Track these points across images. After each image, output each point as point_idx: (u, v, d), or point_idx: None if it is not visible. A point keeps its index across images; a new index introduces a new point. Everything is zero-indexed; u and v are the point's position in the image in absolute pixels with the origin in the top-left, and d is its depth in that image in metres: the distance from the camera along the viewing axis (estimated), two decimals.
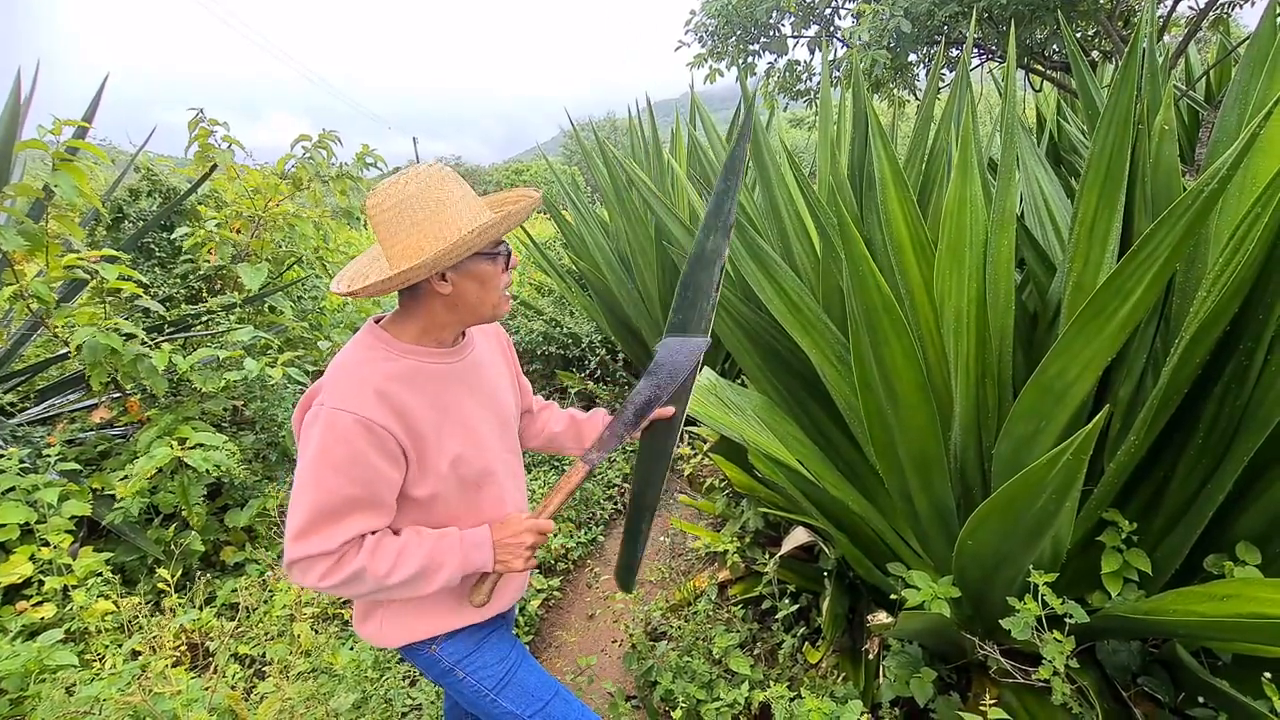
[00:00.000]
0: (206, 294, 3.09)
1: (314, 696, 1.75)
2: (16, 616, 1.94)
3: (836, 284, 2.15)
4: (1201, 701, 1.43)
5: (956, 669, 1.78)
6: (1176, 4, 4.18)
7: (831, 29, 5.32)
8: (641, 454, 1.39)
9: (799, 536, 1.99)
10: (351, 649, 1.99)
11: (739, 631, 2.04)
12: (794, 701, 1.63)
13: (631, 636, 2.08)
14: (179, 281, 3.05)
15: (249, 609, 2.19)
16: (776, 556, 2.01)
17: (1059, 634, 1.36)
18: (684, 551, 2.88)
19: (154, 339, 2.61)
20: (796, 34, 5.41)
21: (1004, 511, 1.36)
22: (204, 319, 2.96)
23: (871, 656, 1.77)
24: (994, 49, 4.72)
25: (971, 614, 1.70)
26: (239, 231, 3.23)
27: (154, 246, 3.12)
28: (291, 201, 3.33)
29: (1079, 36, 4.60)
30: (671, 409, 1.35)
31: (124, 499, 2.29)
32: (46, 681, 1.65)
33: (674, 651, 1.97)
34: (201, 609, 2.18)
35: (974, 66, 4.81)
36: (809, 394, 2.25)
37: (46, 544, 2.09)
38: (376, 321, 1.18)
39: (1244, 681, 1.35)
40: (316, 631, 2.08)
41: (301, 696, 1.72)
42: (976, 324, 1.60)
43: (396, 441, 1.07)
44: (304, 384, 2.90)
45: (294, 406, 2.89)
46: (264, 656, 2.05)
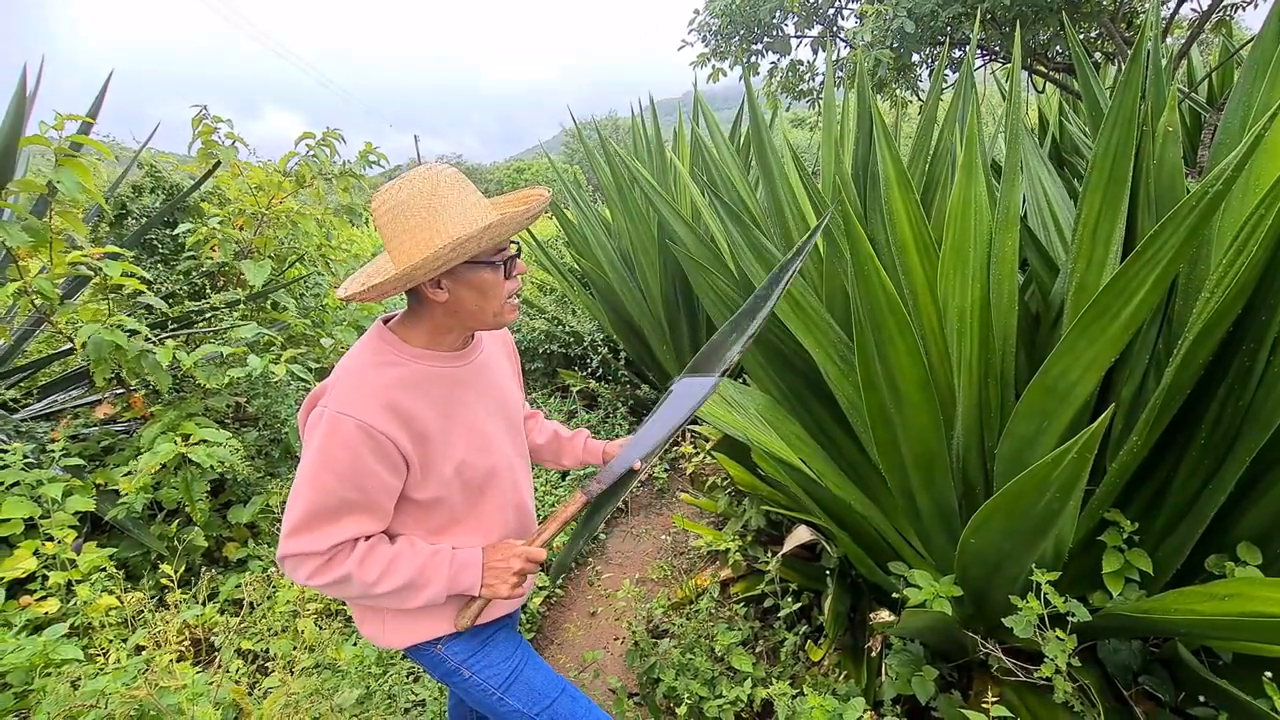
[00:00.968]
0: (209, 290, 3.09)
1: (318, 692, 1.76)
2: (21, 611, 1.94)
3: (839, 283, 2.16)
4: (1202, 700, 1.43)
5: (958, 667, 1.79)
6: (1179, 6, 4.18)
7: (835, 29, 5.32)
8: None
9: (801, 535, 2.00)
10: (355, 645, 2.00)
11: (741, 629, 2.05)
12: (796, 699, 1.63)
13: (634, 634, 2.08)
14: (182, 278, 3.05)
15: (252, 605, 2.20)
16: (779, 555, 2.02)
17: (1061, 632, 1.37)
18: (686, 550, 2.89)
19: (157, 335, 2.61)
20: (800, 34, 5.41)
21: (1008, 510, 1.37)
22: (207, 315, 2.96)
23: (874, 654, 1.78)
24: (997, 50, 4.73)
25: (973, 613, 1.70)
26: (242, 228, 3.23)
27: (157, 243, 3.12)
28: (294, 199, 3.33)
29: (1081, 38, 4.60)
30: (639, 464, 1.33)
31: (128, 494, 2.30)
32: (51, 676, 1.65)
33: (676, 649, 1.97)
34: (205, 605, 2.18)
35: (977, 67, 4.81)
36: (811, 393, 2.26)
37: (50, 539, 2.10)
38: (385, 322, 1.17)
39: (1245, 680, 1.36)
40: (320, 627, 2.08)
41: (306, 691, 1.73)
42: (980, 324, 1.60)
43: (398, 448, 1.06)
44: (306, 381, 2.91)
45: (296, 404, 2.91)
46: (267, 652, 2.06)
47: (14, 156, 2.60)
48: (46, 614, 1.97)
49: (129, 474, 2.34)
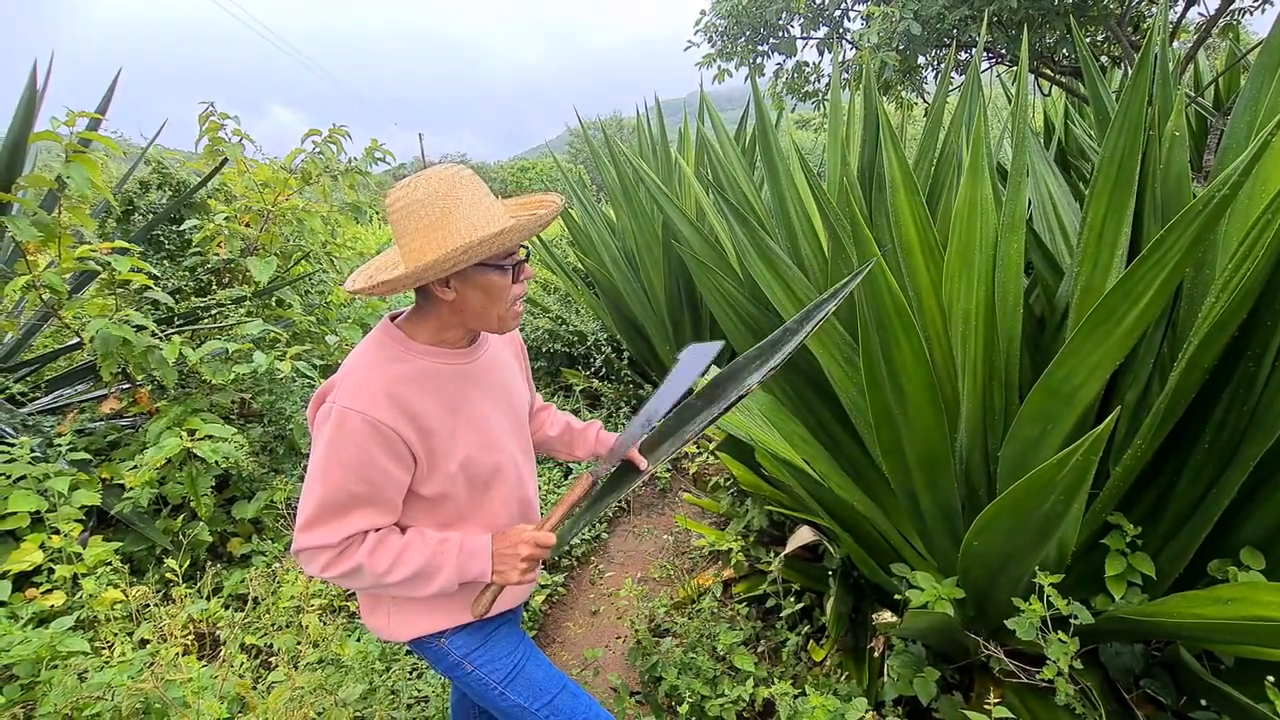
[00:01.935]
0: (215, 287, 3.10)
1: (322, 687, 1.77)
2: (27, 604, 1.96)
3: None
4: (1204, 704, 1.44)
5: (959, 669, 1.79)
6: (1187, 10, 4.18)
7: (841, 31, 5.32)
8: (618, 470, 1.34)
9: (804, 535, 2.01)
10: (358, 640, 2.01)
11: (743, 629, 2.05)
12: (798, 699, 1.64)
13: (636, 633, 2.09)
14: (187, 274, 3.06)
15: (256, 600, 2.21)
16: (781, 555, 2.02)
17: (1063, 635, 1.37)
18: (688, 549, 2.90)
19: (163, 331, 2.63)
20: (805, 35, 5.41)
21: (1011, 512, 1.37)
22: (213, 312, 2.97)
23: (876, 655, 1.78)
24: (1003, 53, 4.72)
25: (975, 614, 1.71)
26: (248, 225, 3.24)
27: (163, 239, 3.14)
28: (300, 196, 3.34)
29: (1088, 42, 4.60)
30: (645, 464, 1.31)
31: (133, 489, 2.31)
32: (58, 668, 1.66)
33: (678, 648, 1.98)
34: (209, 599, 2.19)
35: (983, 70, 4.80)
36: (815, 393, 2.26)
37: (57, 532, 2.11)
38: (393, 319, 1.18)
39: (1247, 685, 1.36)
40: (324, 623, 2.09)
41: (310, 686, 1.74)
42: (985, 326, 1.61)
43: (404, 443, 1.08)
44: (311, 378, 2.92)
45: (301, 400, 2.92)
46: (271, 647, 2.07)
47: (24, 152, 2.61)
48: (53, 607, 1.98)
49: (134, 468, 2.35)
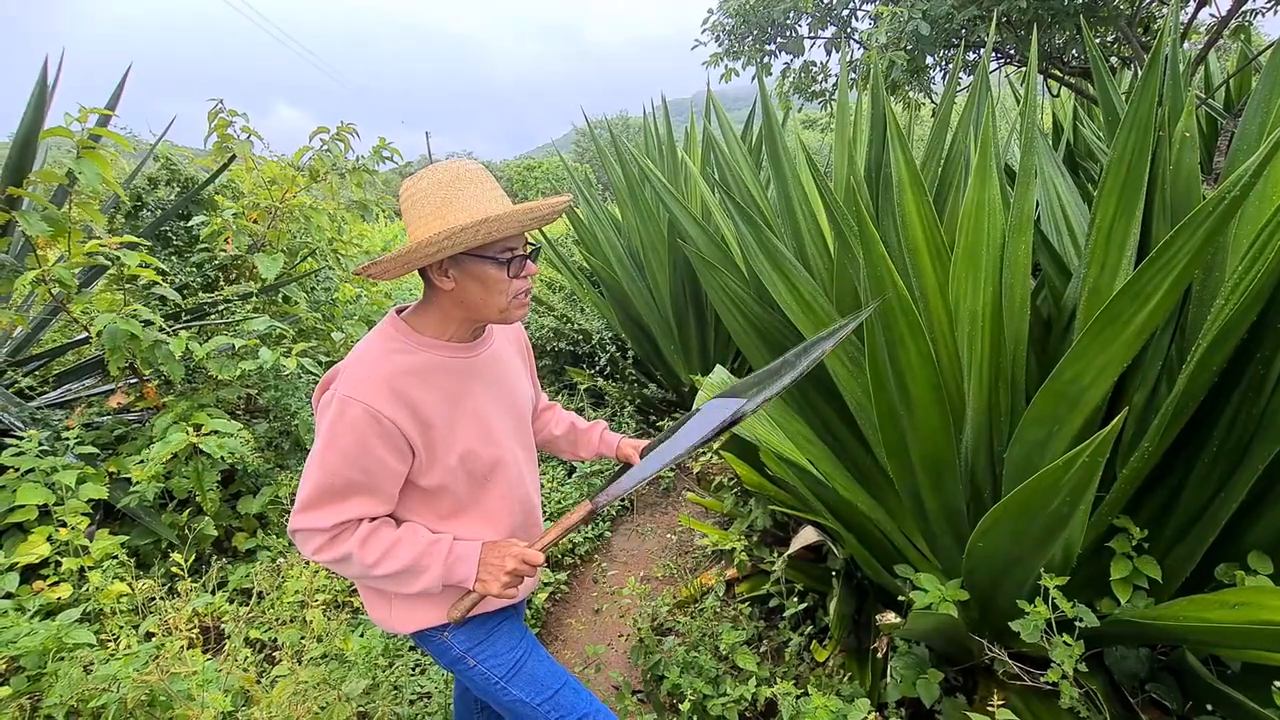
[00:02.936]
0: (222, 283, 3.12)
1: (326, 681, 1.78)
2: (34, 596, 1.97)
3: (850, 284, 2.16)
4: (1210, 709, 1.43)
5: (963, 671, 1.78)
6: (1198, 11, 4.14)
7: (849, 30, 5.30)
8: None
9: (807, 536, 2.00)
10: (362, 636, 2.01)
11: (746, 629, 2.05)
12: (800, 699, 1.63)
13: (639, 631, 2.09)
14: (195, 270, 3.08)
15: (261, 594, 2.22)
16: (785, 555, 2.02)
17: (1068, 638, 1.36)
18: (691, 549, 2.90)
19: (171, 326, 2.64)
20: (813, 35, 5.40)
21: (1017, 514, 1.36)
22: (220, 308, 2.99)
23: (879, 656, 1.78)
24: (1012, 53, 4.70)
25: (979, 616, 1.70)
26: (255, 222, 3.26)
27: (171, 235, 3.15)
28: (307, 193, 3.36)
29: (1098, 42, 4.57)
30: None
31: (139, 483, 2.32)
32: (64, 660, 1.67)
33: (681, 647, 1.98)
34: (214, 593, 2.20)
35: (992, 70, 4.79)
36: (820, 394, 2.25)
37: (64, 525, 2.13)
38: (399, 312, 1.19)
39: (1253, 690, 1.35)
40: (328, 618, 2.10)
41: (314, 681, 1.75)
42: (992, 327, 1.60)
43: (403, 434, 1.09)
44: (316, 374, 2.93)
45: (306, 397, 2.93)
46: (275, 641, 2.08)
47: (35, 148, 2.63)
48: (59, 599, 1.99)
49: (141, 463, 2.36)
